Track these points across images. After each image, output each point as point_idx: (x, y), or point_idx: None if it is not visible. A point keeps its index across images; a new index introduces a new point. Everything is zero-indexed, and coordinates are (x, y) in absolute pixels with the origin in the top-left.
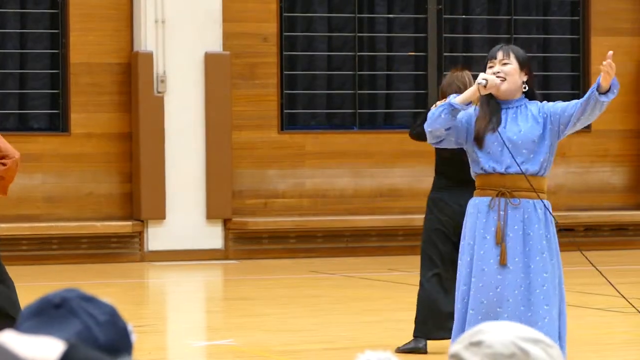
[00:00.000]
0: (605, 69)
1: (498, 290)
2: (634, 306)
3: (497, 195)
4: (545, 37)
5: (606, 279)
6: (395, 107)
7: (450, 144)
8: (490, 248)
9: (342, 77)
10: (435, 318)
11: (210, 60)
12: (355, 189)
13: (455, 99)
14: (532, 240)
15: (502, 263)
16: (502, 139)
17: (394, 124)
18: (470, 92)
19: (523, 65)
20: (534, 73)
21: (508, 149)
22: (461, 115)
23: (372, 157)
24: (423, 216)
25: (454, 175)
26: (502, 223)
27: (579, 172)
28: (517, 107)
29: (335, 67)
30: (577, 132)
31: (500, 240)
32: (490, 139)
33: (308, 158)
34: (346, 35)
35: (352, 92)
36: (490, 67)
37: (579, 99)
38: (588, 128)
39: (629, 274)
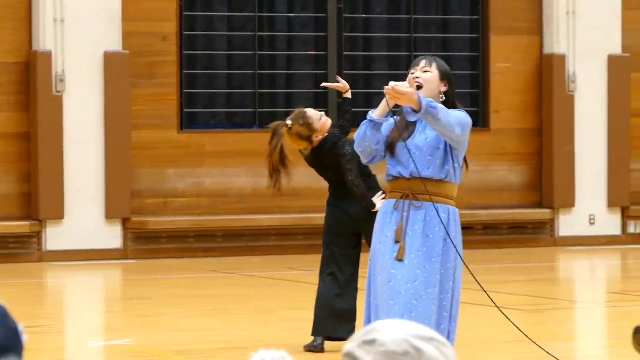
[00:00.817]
0: (387, 93)
1: (391, 284)
2: (500, 309)
3: (401, 198)
4: (445, 36)
5: (478, 283)
6: (295, 107)
7: (381, 159)
8: (389, 245)
9: (242, 76)
10: (331, 317)
11: (109, 59)
12: (255, 188)
13: (373, 113)
14: (430, 242)
15: (399, 258)
16: (407, 148)
17: None
18: (383, 104)
19: (444, 76)
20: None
21: (411, 156)
22: (384, 127)
23: None
24: (322, 215)
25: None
26: (403, 222)
27: (478, 170)
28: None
29: (236, 67)
30: (476, 130)
31: (400, 238)
32: (399, 147)
33: (208, 158)
34: (246, 34)
35: (252, 91)
36: (412, 73)
37: (478, 98)
38: (487, 127)
39: (527, 272)
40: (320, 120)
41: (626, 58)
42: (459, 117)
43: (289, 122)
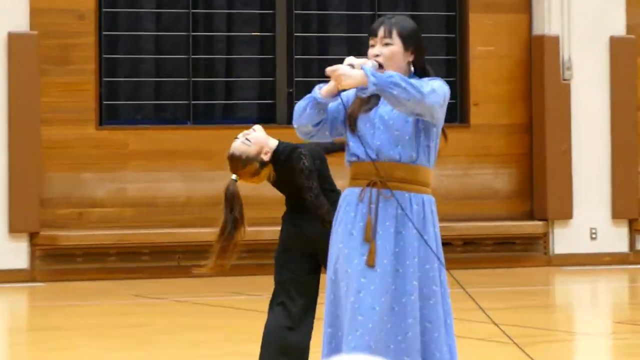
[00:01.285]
0: (330, 76)
1: (361, 295)
2: (510, 338)
3: (367, 185)
4: (415, 14)
5: (478, 305)
6: (237, 98)
7: (324, 138)
8: (356, 245)
9: (173, 61)
10: (279, 355)
11: (14, 41)
12: (189, 196)
13: (319, 90)
14: (403, 240)
15: (369, 264)
16: (373, 118)
17: (235, 118)
18: (331, 83)
19: (408, 44)
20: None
21: (375, 131)
22: (331, 106)
23: (209, 157)
24: (274, 229)
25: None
26: (372, 217)
27: (456, 174)
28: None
29: (165, 50)
30: (452, 127)
31: (369, 237)
32: (362, 120)
33: (132, 159)
34: (178, 11)
35: (185, 79)
36: (372, 45)
37: (455, 87)
38: (466, 122)
39: (516, 297)
40: (250, 139)
41: (631, 40)
42: (430, 84)
43: (233, 177)
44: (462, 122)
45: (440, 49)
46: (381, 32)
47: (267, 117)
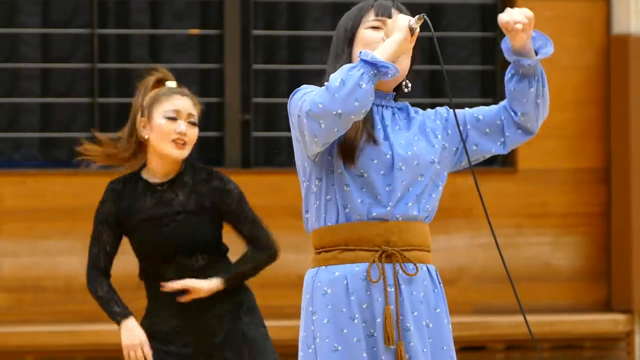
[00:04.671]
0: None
1: None
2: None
3: (380, 259)
4: (437, 2)
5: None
6: None
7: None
8: (375, 355)
9: (68, 74)
10: None
11: None
12: None
13: (377, 53)
14: (434, 333)
15: None
16: (385, 152)
17: None
18: (400, 38)
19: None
20: None
21: (395, 171)
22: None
23: None
24: None
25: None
26: (392, 308)
27: (494, 244)
28: (396, 107)
29: (56, 57)
30: (492, 172)
31: (395, 338)
32: (367, 153)
33: (6, 220)
34: None
35: (87, 100)
36: (376, 28)
37: (495, 102)
38: (511, 165)
39: None
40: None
41: None
42: None
43: None
44: (505, 165)
45: (472, 54)
46: (395, 14)
47: (211, 158)
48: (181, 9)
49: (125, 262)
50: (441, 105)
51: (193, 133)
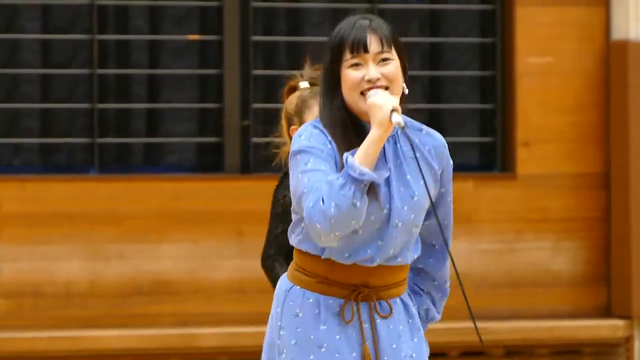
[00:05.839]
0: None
1: None
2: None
3: (354, 298)
4: (437, 7)
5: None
6: (164, 134)
7: None
8: None
9: (67, 79)
10: None
11: None
12: (93, 282)
13: (358, 161)
14: None
15: None
16: (389, 208)
17: (160, 164)
18: (375, 136)
19: (402, 56)
20: None
21: (392, 228)
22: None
23: (120, 222)
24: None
25: None
26: (370, 346)
27: (496, 250)
28: (391, 140)
29: (56, 62)
30: (492, 178)
31: None
32: (367, 210)
33: (6, 225)
34: (75, 4)
35: (86, 106)
36: (356, 65)
37: (492, 119)
38: (510, 171)
39: None
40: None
41: None
42: None
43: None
44: (504, 170)
45: (471, 60)
46: (375, 44)
47: (211, 163)
48: (180, 15)
49: (125, 268)
50: (439, 109)
51: None
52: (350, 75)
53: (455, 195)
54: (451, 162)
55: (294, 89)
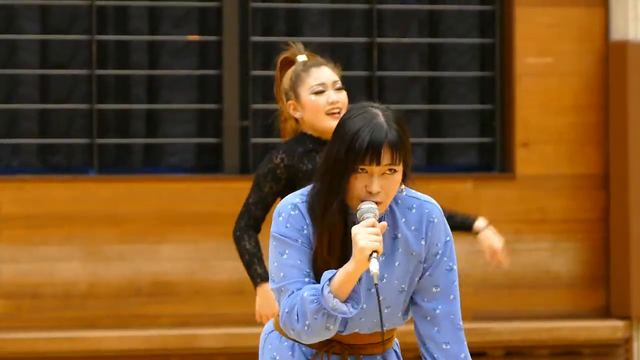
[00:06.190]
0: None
1: None
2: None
3: (325, 350)
4: (435, 8)
5: None
6: (164, 135)
7: None
8: None
9: (65, 80)
10: None
11: None
12: (92, 283)
13: (333, 292)
14: None
15: None
16: (376, 293)
17: (160, 165)
18: (357, 268)
19: (407, 160)
20: None
21: (380, 308)
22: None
23: (119, 224)
24: None
25: None
26: None
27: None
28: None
29: (54, 62)
30: (491, 178)
31: None
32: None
33: (5, 226)
34: (74, 3)
35: (85, 107)
36: (362, 170)
37: (491, 119)
38: (509, 171)
39: None
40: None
41: None
42: None
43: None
44: (503, 171)
45: (470, 61)
46: (386, 159)
47: (210, 164)
48: (180, 15)
49: (124, 269)
50: (438, 110)
51: (343, 97)
52: (358, 184)
53: (456, 196)
54: (449, 236)
55: (289, 61)
